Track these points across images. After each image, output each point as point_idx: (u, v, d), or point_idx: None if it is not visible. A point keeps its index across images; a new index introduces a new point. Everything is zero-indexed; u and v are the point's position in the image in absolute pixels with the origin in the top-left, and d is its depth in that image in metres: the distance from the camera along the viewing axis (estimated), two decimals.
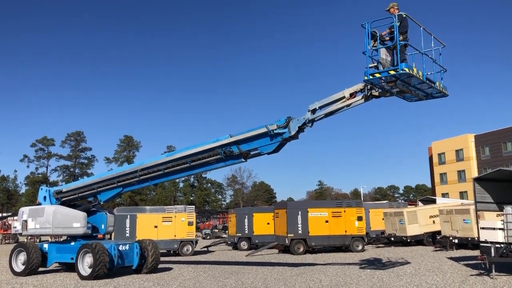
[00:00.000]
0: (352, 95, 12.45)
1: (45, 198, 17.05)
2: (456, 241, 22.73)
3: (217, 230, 47.76)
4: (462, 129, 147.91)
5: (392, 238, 27.43)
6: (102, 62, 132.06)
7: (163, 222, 23.89)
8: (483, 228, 14.28)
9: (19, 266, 15.59)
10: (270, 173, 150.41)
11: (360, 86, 12.31)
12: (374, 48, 11.08)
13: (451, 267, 15.87)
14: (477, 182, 15.43)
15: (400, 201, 64.74)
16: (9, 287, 13.11)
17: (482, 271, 13.81)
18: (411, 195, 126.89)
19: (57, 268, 17.07)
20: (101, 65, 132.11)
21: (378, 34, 11.12)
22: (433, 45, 11.91)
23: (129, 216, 23.45)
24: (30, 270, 15.28)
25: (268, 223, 27.49)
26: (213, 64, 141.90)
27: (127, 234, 22.96)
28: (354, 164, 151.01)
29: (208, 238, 43.15)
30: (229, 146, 13.91)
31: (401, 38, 10.96)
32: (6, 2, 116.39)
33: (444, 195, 62.49)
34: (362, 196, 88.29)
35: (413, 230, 26.78)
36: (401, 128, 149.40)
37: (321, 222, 23.57)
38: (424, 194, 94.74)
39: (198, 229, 46.25)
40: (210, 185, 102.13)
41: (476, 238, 19.28)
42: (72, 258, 14.99)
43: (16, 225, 17.49)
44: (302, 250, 22.92)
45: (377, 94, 12.18)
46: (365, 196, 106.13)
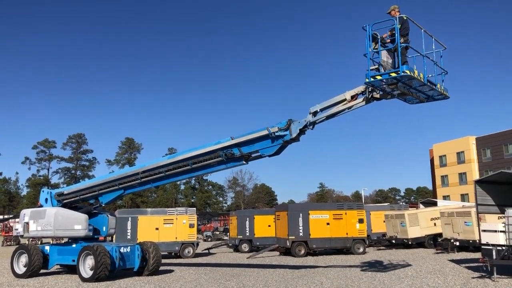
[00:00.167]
0: (353, 98, 12.46)
1: (46, 200, 17.09)
2: (457, 243, 22.70)
3: (218, 233, 47.78)
4: (463, 131, 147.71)
5: (393, 241, 27.37)
6: (104, 64, 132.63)
7: (164, 224, 23.89)
8: (485, 230, 14.28)
9: (21, 268, 15.62)
10: (271, 175, 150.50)
11: (361, 88, 12.32)
12: (375, 50, 11.10)
13: (453, 270, 15.85)
14: (478, 185, 15.42)
15: (401, 203, 64.61)
16: None
17: (484, 274, 13.77)
18: (412, 198, 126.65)
19: (58, 270, 17.09)
20: (102, 67, 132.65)
21: (379, 37, 11.14)
22: (434, 47, 11.94)
23: (130, 218, 23.48)
24: (32, 272, 15.29)
25: (269, 226, 27.45)
26: (214, 66, 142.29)
27: (129, 236, 22.99)
28: (355, 166, 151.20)
29: (209, 240, 43.10)
30: (230, 148, 13.92)
31: (402, 40, 10.97)
32: (7, 2, 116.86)
33: (445, 198, 62.40)
34: (363, 198, 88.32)
35: (414, 232, 26.71)
36: (402, 130, 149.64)
37: (322, 224, 23.54)
38: (425, 197, 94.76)
39: (199, 231, 46.25)
40: (211, 187, 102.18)
41: (477, 241, 19.26)
42: (73, 260, 14.98)
43: (17, 227, 17.50)
44: (303, 252, 22.90)
45: (378, 96, 12.18)
46: (366, 198, 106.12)
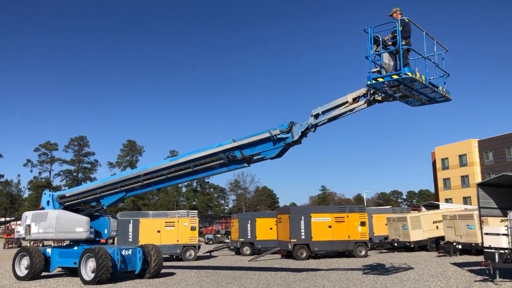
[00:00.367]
0: (355, 100, 12.44)
1: (48, 202, 17.10)
2: (459, 246, 22.59)
3: (219, 235, 47.70)
4: (465, 134, 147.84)
5: (395, 244, 27.31)
6: (106, 67, 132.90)
7: (166, 227, 23.91)
8: (487, 233, 14.20)
9: (22, 271, 15.63)
10: (273, 178, 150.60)
11: (363, 90, 12.31)
12: (377, 52, 11.11)
13: (455, 273, 15.78)
14: (480, 188, 15.37)
15: (403, 206, 64.58)
16: None
17: (486, 277, 13.71)
18: (414, 201, 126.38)
19: (60, 272, 17.09)
20: (104, 70, 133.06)
21: (380, 39, 11.14)
22: (435, 49, 11.92)
23: (132, 221, 23.48)
24: (33, 274, 15.30)
25: (271, 228, 27.43)
26: (216, 69, 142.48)
27: (130, 239, 23.00)
28: (357, 169, 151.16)
29: (210, 243, 43.07)
30: (232, 151, 13.91)
31: (403, 42, 10.97)
32: (10, 6, 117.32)
33: (447, 200, 62.24)
34: (365, 201, 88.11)
35: (416, 235, 26.64)
36: (404, 133, 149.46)
37: (324, 227, 23.50)
38: (427, 199, 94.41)
39: (200, 234, 46.24)
40: (213, 190, 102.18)
41: (480, 244, 19.13)
42: (75, 263, 14.97)
43: (19, 229, 17.52)
44: (305, 255, 22.85)
45: (380, 98, 12.17)
46: (368, 201, 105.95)
